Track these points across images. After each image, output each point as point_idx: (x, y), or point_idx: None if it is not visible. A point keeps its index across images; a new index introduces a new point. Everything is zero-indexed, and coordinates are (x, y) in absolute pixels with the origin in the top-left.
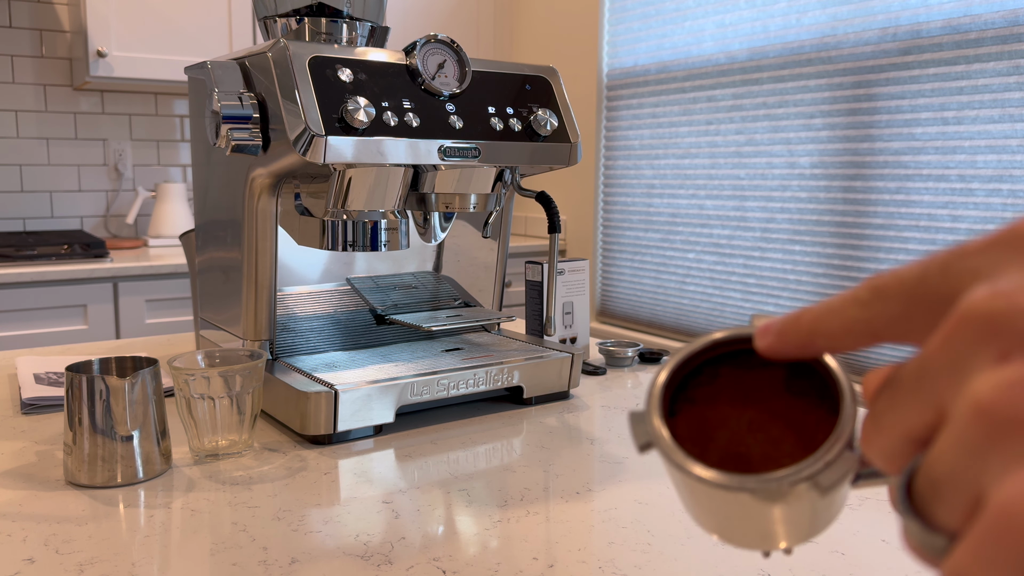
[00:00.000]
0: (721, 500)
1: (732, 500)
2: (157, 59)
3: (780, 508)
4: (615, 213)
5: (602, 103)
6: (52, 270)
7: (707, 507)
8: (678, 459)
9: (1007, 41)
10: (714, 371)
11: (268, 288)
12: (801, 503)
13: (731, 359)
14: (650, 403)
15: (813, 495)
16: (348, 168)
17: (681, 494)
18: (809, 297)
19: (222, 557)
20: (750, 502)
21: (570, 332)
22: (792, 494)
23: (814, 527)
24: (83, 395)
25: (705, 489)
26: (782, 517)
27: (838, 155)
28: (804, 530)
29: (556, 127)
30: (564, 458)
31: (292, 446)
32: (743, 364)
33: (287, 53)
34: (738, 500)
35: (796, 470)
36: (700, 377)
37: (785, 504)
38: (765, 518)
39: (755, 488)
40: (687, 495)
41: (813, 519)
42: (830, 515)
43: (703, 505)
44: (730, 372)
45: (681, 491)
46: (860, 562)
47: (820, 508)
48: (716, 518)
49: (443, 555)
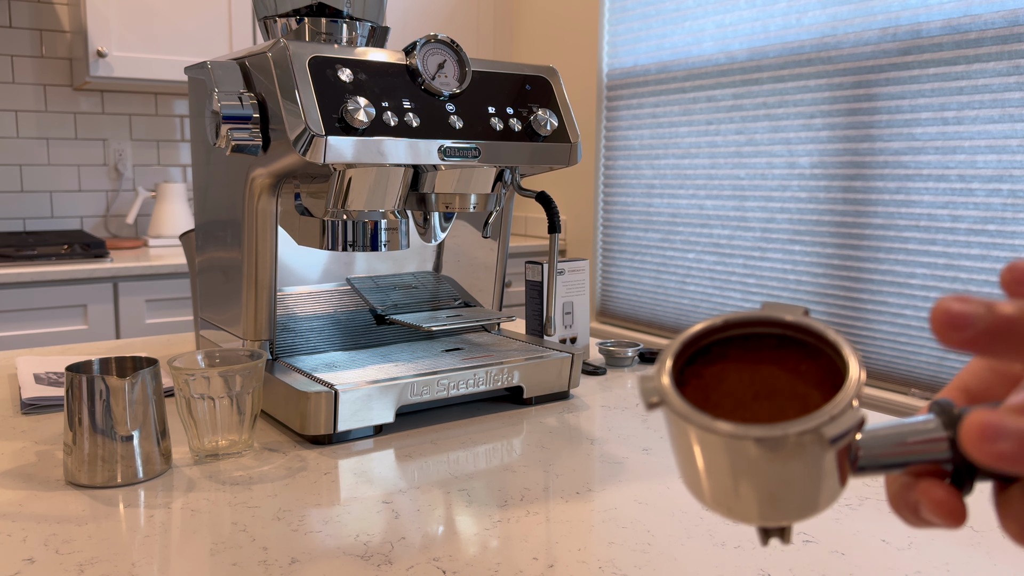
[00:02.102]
0: (724, 457)
1: (736, 454)
2: (157, 59)
3: (783, 464)
4: (615, 213)
5: (602, 103)
6: (52, 270)
7: (709, 469)
8: (685, 411)
9: (1007, 41)
10: (723, 351)
11: (268, 288)
12: (805, 460)
13: (741, 341)
14: (660, 365)
15: (817, 450)
16: (348, 168)
17: (683, 460)
18: (809, 297)
19: (222, 557)
20: (755, 454)
21: (570, 332)
22: (797, 445)
23: (814, 498)
24: (83, 395)
25: (709, 445)
26: (785, 477)
27: (838, 155)
28: (805, 501)
29: (556, 127)
30: (564, 458)
31: (292, 446)
32: (752, 346)
33: (287, 53)
34: (742, 452)
35: (802, 421)
36: (709, 355)
37: (789, 458)
38: (768, 477)
39: (760, 436)
40: (690, 458)
41: (814, 487)
42: (831, 491)
43: (705, 467)
44: (739, 352)
45: (684, 455)
46: (860, 562)
47: (823, 474)
48: (718, 482)
49: (443, 555)
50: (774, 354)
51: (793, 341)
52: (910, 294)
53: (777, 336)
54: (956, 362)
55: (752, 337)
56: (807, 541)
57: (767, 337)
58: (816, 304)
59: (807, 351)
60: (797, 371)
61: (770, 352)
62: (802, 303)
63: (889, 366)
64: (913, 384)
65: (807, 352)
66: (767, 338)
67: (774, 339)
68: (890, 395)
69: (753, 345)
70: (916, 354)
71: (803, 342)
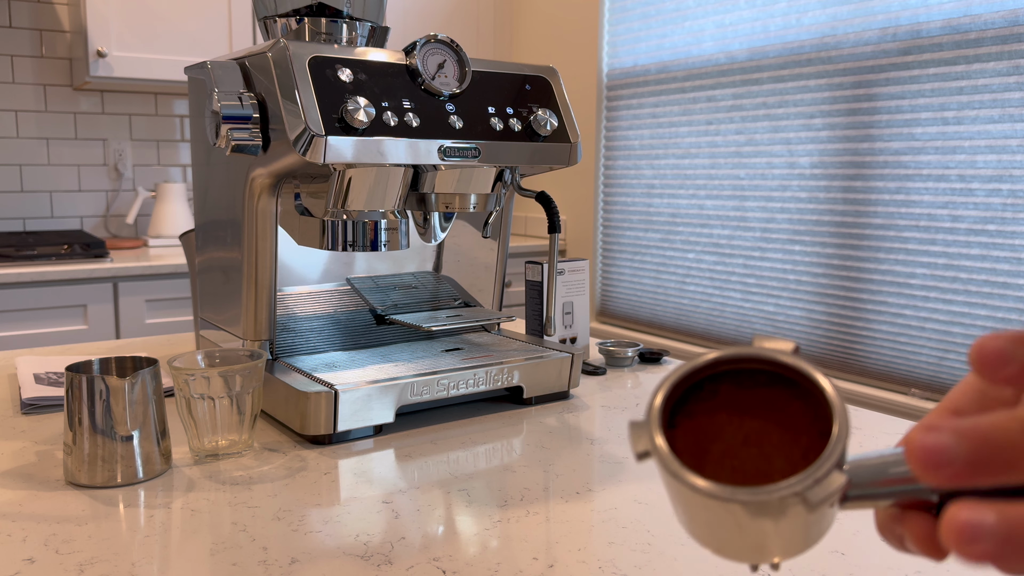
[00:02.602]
0: (713, 511)
1: (724, 511)
2: (157, 59)
3: (769, 521)
4: (615, 213)
5: (602, 103)
6: (52, 270)
7: (700, 518)
8: (674, 468)
9: (1007, 41)
10: (714, 388)
11: (268, 288)
12: (790, 518)
13: (732, 376)
14: (650, 414)
15: (801, 510)
16: (348, 168)
17: (676, 505)
18: (809, 297)
19: (222, 557)
20: (741, 514)
21: (570, 332)
22: (781, 508)
23: (802, 542)
24: (83, 395)
25: (698, 499)
26: (771, 531)
27: (838, 155)
28: (793, 545)
29: (556, 127)
30: (564, 458)
31: (292, 446)
32: (744, 383)
33: (287, 53)
34: (729, 511)
35: (786, 485)
36: (701, 392)
37: (774, 518)
38: (755, 531)
39: (746, 500)
40: (681, 506)
41: (801, 534)
42: (819, 531)
43: (696, 516)
44: (730, 389)
45: (676, 502)
46: (860, 562)
47: (809, 524)
48: (708, 529)
49: (443, 555)
50: (764, 393)
51: (783, 379)
52: (910, 294)
53: (768, 373)
54: (956, 362)
55: (743, 373)
56: None
57: (758, 373)
58: (816, 304)
59: (796, 391)
60: (786, 412)
61: (760, 391)
62: (802, 303)
63: (889, 366)
64: (913, 384)
65: (796, 392)
66: (758, 374)
67: (764, 375)
68: (890, 395)
69: (745, 382)
70: (916, 354)
71: (793, 380)
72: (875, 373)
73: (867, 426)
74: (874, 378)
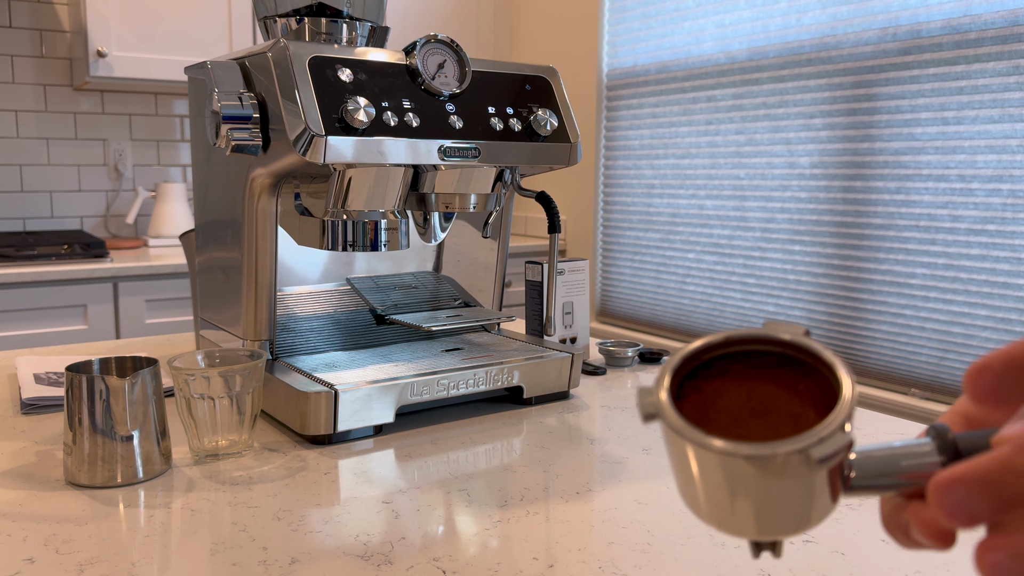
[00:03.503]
0: (715, 473)
1: (727, 469)
2: (157, 59)
3: (773, 482)
4: (615, 213)
5: (602, 103)
6: (52, 270)
7: (703, 483)
8: (678, 425)
9: (1007, 41)
10: (724, 366)
11: (268, 288)
12: (793, 480)
13: (743, 357)
14: (659, 379)
15: (805, 470)
16: (348, 168)
17: (679, 473)
18: (809, 297)
19: (222, 557)
20: (744, 471)
21: (570, 332)
22: (785, 466)
23: (804, 515)
24: (83, 395)
25: (703, 460)
26: (774, 496)
27: (838, 155)
28: (794, 518)
29: (556, 127)
30: (564, 458)
31: (292, 446)
32: (754, 363)
33: (287, 53)
34: (733, 469)
35: (791, 441)
36: (710, 370)
37: (778, 478)
38: (758, 494)
39: (750, 454)
40: (685, 472)
41: (804, 504)
42: (822, 507)
43: (700, 482)
44: (740, 368)
45: (680, 469)
46: (860, 562)
47: (812, 492)
48: (709, 496)
49: (443, 555)
50: (773, 372)
51: (793, 360)
52: (910, 294)
53: (778, 355)
54: (956, 363)
55: (754, 354)
56: (807, 541)
57: (768, 355)
58: (816, 304)
59: (805, 371)
60: (794, 390)
61: (770, 370)
62: (802, 303)
63: (889, 366)
64: (913, 384)
65: (805, 372)
66: (768, 356)
67: (775, 357)
68: (890, 395)
69: (754, 362)
70: (916, 354)
71: (802, 362)
72: (875, 373)
73: (867, 426)
74: (874, 378)
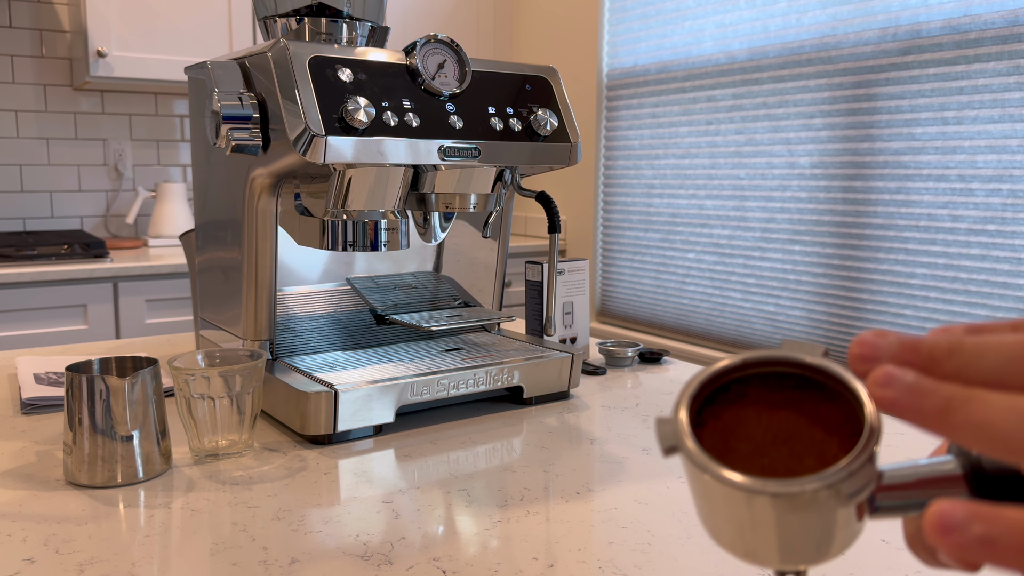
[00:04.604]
0: (742, 508)
1: (753, 507)
2: (157, 59)
3: (800, 517)
4: (615, 213)
5: (602, 103)
6: (52, 270)
7: (726, 516)
8: (702, 462)
9: (1007, 41)
10: (742, 390)
11: (268, 288)
12: (821, 514)
13: (760, 379)
14: (677, 409)
15: (834, 505)
16: (348, 168)
17: (701, 504)
18: (809, 297)
19: (222, 557)
20: (770, 509)
21: (570, 332)
22: (813, 501)
23: (832, 545)
24: (83, 395)
25: (726, 494)
26: (801, 529)
27: (838, 155)
28: (822, 548)
29: (556, 127)
30: (564, 458)
31: (292, 446)
32: (772, 385)
33: (287, 53)
34: (759, 506)
35: (819, 477)
36: (728, 394)
37: (804, 513)
38: (783, 528)
39: (776, 492)
40: (707, 503)
41: (832, 535)
42: (849, 534)
43: (722, 514)
44: (758, 391)
45: (701, 500)
46: (860, 562)
47: (840, 523)
48: (734, 528)
49: (443, 555)
50: (793, 395)
51: (812, 382)
52: (910, 294)
53: (796, 376)
54: None
55: (771, 376)
56: None
57: (787, 377)
58: (816, 304)
59: (826, 394)
60: (816, 415)
61: (789, 393)
62: (802, 303)
63: None
64: None
65: (826, 395)
66: (787, 378)
67: (793, 379)
68: None
69: (773, 385)
70: None
71: (822, 384)
72: None
73: None
74: None
